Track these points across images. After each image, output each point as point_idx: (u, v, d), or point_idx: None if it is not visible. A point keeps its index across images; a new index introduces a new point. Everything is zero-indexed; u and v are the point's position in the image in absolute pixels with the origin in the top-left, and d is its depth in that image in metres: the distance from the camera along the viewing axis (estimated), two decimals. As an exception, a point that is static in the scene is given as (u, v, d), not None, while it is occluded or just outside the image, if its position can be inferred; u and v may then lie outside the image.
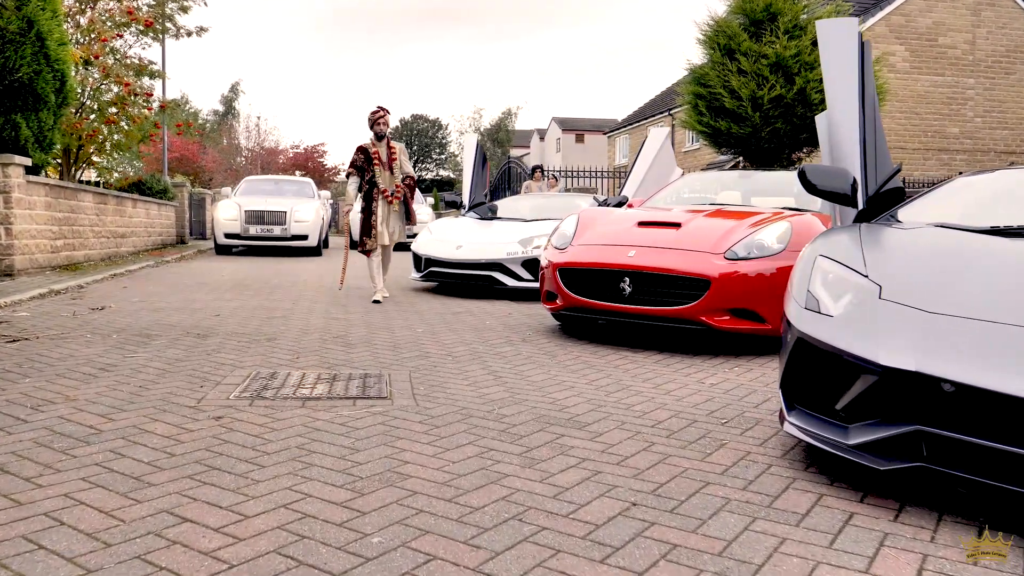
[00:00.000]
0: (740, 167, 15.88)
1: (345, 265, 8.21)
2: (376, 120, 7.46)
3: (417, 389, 3.78)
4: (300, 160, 37.87)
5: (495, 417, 3.28)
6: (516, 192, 18.39)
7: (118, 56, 13.59)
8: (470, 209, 9.67)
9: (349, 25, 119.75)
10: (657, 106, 33.59)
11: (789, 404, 2.75)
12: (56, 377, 3.88)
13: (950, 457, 2.20)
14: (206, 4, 24.72)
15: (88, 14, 12.97)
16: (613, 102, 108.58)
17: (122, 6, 13.32)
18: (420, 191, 16.85)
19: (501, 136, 55.71)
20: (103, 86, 12.97)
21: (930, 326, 2.36)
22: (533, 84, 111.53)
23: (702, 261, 4.88)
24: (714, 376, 4.24)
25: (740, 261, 4.86)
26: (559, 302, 5.47)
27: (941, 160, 21.91)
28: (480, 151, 10.21)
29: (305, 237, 14.78)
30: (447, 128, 66.49)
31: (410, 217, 7.68)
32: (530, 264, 7.94)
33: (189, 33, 15.32)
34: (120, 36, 13.39)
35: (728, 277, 4.79)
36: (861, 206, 3.61)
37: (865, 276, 2.68)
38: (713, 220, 5.41)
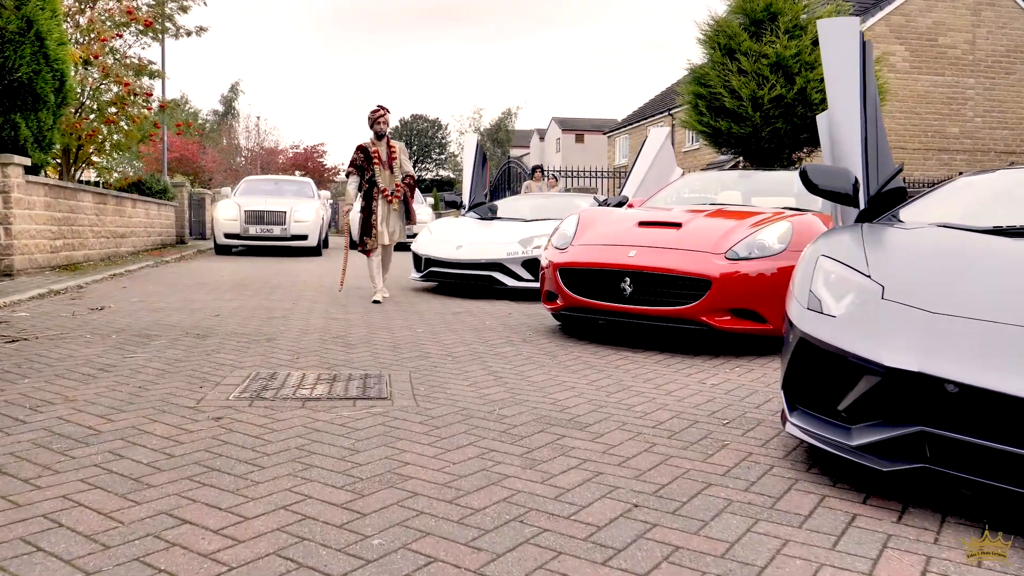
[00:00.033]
0: (740, 167, 15.87)
1: (345, 266, 8.11)
2: (376, 119, 7.44)
3: (417, 389, 3.77)
4: (300, 160, 37.84)
5: (496, 418, 3.26)
6: (516, 192, 18.38)
7: (118, 56, 13.58)
8: (470, 209, 9.66)
9: (349, 25, 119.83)
10: (657, 106, 33.58)
11: (791, 405, 2.74)
12: (55, 378, 3.87)
13: (953, 458, 2.19)
14: (206, 4, 24.76)
15: (88, 14, 12.96)
16: (613, 102, 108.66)
17: (122, 6, 13.30)
18: (420, 191, 16.82)
19: (501, 136, 55.70)
20: (103, 86, 12.96)
21: (933, 326, 2.35)
22: (533, 84, 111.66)
23: (703, 261, 4.87)
24: (715, 376, 4.23)
25: (741, 261, 4.85)
26: (559, 302, 5.46)
27: (941, 160, 21.91)
28: (480, 151, 10.20)
29: (305, 237, 14.78)
30: (447, 128, 66.62)
31: (410, 216, 7.65)
32: (530, 264, 7.93)
33: (189, 33, 15.32)
34: (120, 36, 13.38)
35: (729, 277, 4.78)
36: (863, 206, 3.59)
37: (868, 276, 2.67)
38: (714, 220, 5.40)
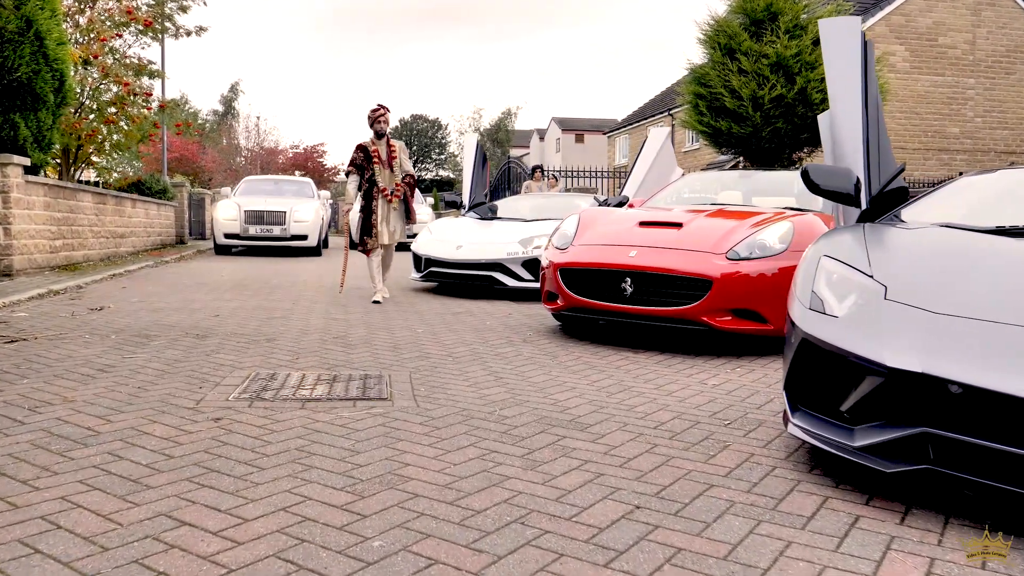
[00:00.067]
0: (740, 167, 15.86)
1: (345, 267, 7.99)
2: (376, 118, 7.42)
3: (418, 390, 3.76)
4: (300, 160, 37.81)
5: (496, 418, 3.25)
6: (516, 192, 18.37)
7: (117, 56, 13.56)
8: (470, 209, 9.64)
9: (349, 25, 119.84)
10: (657, 106, 33.56)
11: (793, 405, 2.72)
12: (54, 378, 3.85)
13: (957, 459, 2.18)
14: (206, 4, 24.75)
15: (87, 14, 12.94)
16: (613, 102, 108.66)
17: (121, 6, 13.28)
18: (420, 191, 16.81)
19: (501, 136, 55.68)
20: (102, 86, 12.94)
21: (936, 327, 2.34)
22: (533, 84, 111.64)
23: (704, 261, 4.86)
24: (716, 377, 4.22)
25: (742, 261, 4.83)
26: (560, 302, 5.44)
27: (941, 160, 21.90)
28: (480, 151, 10.19)
29: (305, 237, 14.76)
30: (447, 128, 66.57)
31: (410, 216, 7.62)
32: (530, 264, 7.92)
33: (188, 33, 15.29)
34: (119, 36, 13.36)
35: (730, 277, 4.76)
36: (864, 206, 3.58)
37: (870, 276, 2.66)
38: (714, 220, 5.38)
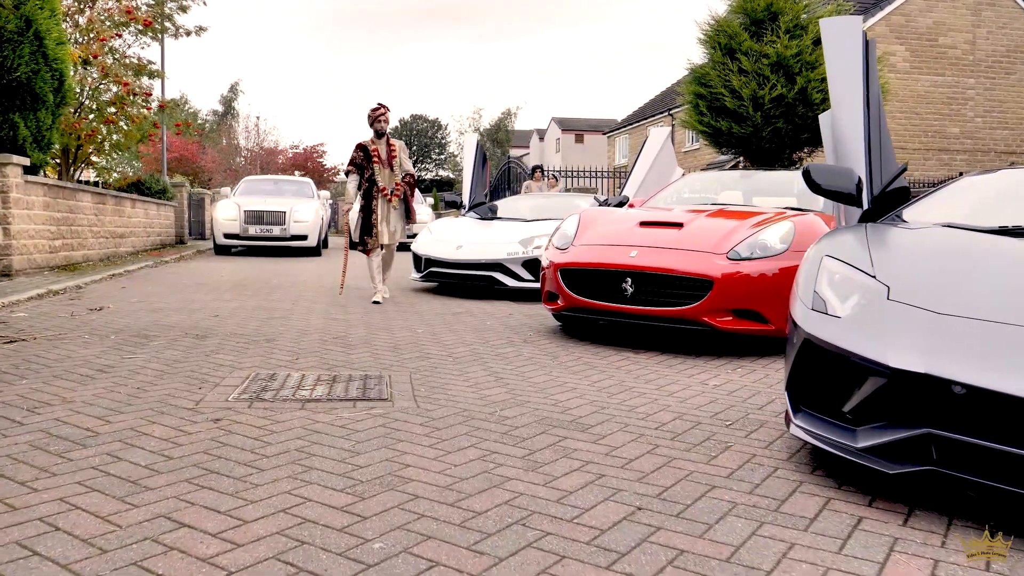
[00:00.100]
0: (740, 167, 15.85)
1: (345, 268, 7.92)
2: (376, 117, 7.40)
3: (418, 391, 3.74)
4: (299, 160, 37.79)
5: (497, 419, 3.24)
6: (516, 192, 18.37)
7: (117, 56, 13.55)
8: (470, 209, 9.63)
9: (349, 25, 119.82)
10: (657, 106, 33.55)
11: (795, 406, 2.71)
12: (53, 379, 3.84)
13: (960, 461, 2.17)
14: (205, 4, 24.74)
15: (87, 13, 12.93)
16: (613, 102, 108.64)
17: (121, 5, 13.27)
18: (420, 191, 16.79)
19: (500, 136, 55.66)
20: (102, 86, 12.92)
21: (939, 327, 2.32)
22: (533, 84, 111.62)
23: (704, 261, 4.84)
24: (717, 377, 4.21)
25: (743, 261, 4.82)
26: (560, 302, 5.43)
27: (941, 160, 21.89)
28: (480, 151, 10.17)
29: (304, 237, 14.75)
30: (447, 128, 66.54)
31: (410, 215, 7.60)
32: (530, 264, 7.91)
33: (188, 33, 15.28)
34: (119, 35, 13.35)
35: (731, 277, 4.75)
36: (866, 206, 3.56)
37: (873, 276, 2.65)
38: (715, 220, 5.37)
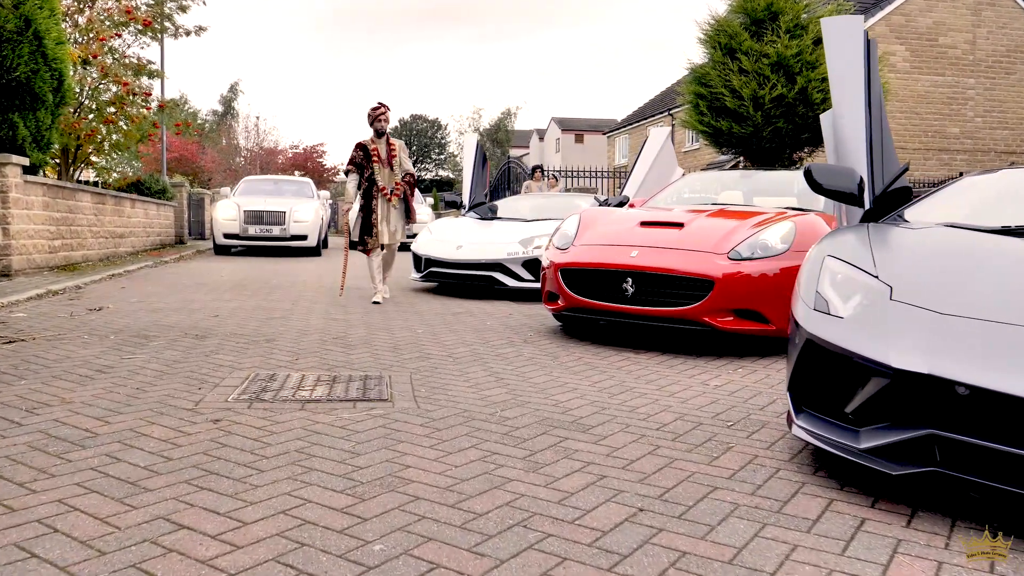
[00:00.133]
0: (740, 167, 15.83)
1: (345, 269, 7.87)
2: (376, 116, 7.37)
3: (418, 391, 3.73)
4: (299, 160, 37.76)
5: (497, 420, 3.23)
6: (516, 192, 18.36)
7: (116, 55, 13.53)
8: (470, 209, 9.62)
9: (349, 25, 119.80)
10: (657, 106, 33.54)
11: (797, 407, 2.70)
12: (52, 379, 3.83)
13: (964, 462, 2.16)
14: (205, 3, 24.75)
15: (86, 13, 12.91)
16: (613, 102, 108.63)
17: (120, 5, 13.25)
18: (420, 191, 16.78)
19: (500, 136, 55.64)
20: (101, 85, 12.91)
21: (942, 327, 2.31)
22: (533, 84, 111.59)
23: (705, 261, 4.83)
24: (718, 378, 4.20)
25: (744, 261, 4.81)
26: (561, 303, 5.42)
27: (941, 160, 21.88)
28: (480, 151, 10.16)
29: (304, 237, 14.73)
30: (446, 128, 66.51)
31: (410, 215, 7.58)
32: (531, 264, 7.89)
33: (188, 32, 15.25)
34: (118, 35, 13.33)
35: (732, 277, 4.74)
36: (868, 206, 3.55)
37: (875, 277, 2.64)
38: (716, 220, 5.36)
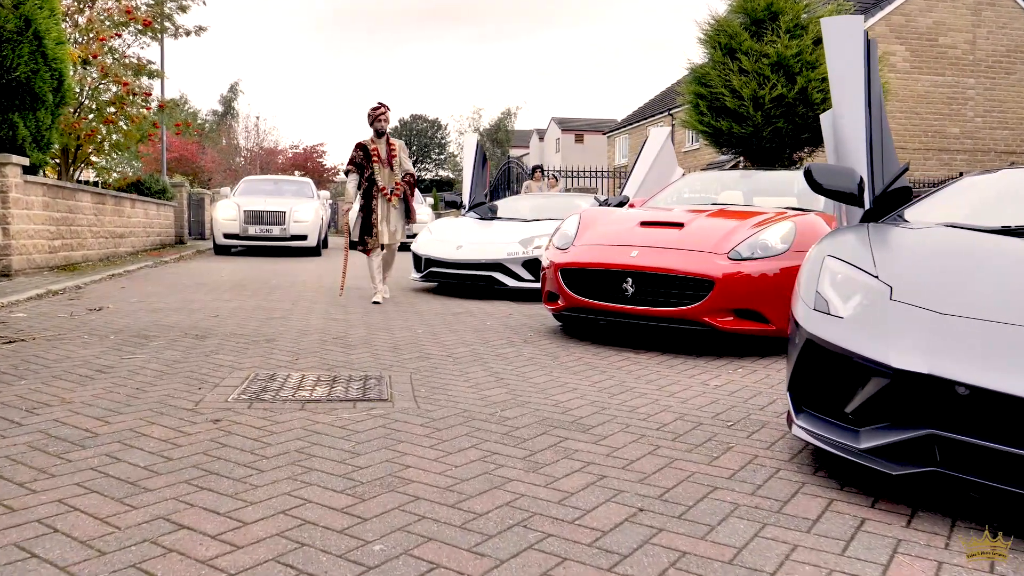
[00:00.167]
0: (740, 167, 15.83)
1: (345, 269, 7.85)
2: (377, 116, 7.37)
3: (418, 391, 3.73)
4: (299, 160, 37.76)
5: (497, 420, 3.23)
6: (516, 192, 18.36)
7: (116, 55, 13.53)
8: (470, 209, 9.62)
9: (349, 25, 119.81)
10: (657, 106, 33.54)
11: (797, 407, 2.70)
12: (52, 379, 3.83)
13: (964, 462, 2.16)
14: (205, 3, 24.73)
15: (86, 13, 12.91)
16: (613, 102, 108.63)
17: (120, 5, 13.25)
18: (420, 191, 16.76)
19: (500, 136, 55.63)
20: (101, 85, 12.90)
21: (943, 327, 2.31)
22: (533, 84, 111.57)
23: (705, 261, 4.83)
24: (718, 378, 4.19)
25: (744, 261, 4.81)
26: (561, 303, 5.42)
27: (941, 160, 21.88)
28: (480, 151, 10.16)
29: (304, 237, 14.73)
30: (446, 128, 66.51)
31: (410, 215, 7.57)
32: (531, 264, 7.89)
33: (188, 32, 15.25)
34: (118, 35, 13.33)
35: (732, 277, 4.74)
36: (868, 205, 3.55)
37: (875, 277, 2.64)
38: (716, 220, 5.36)
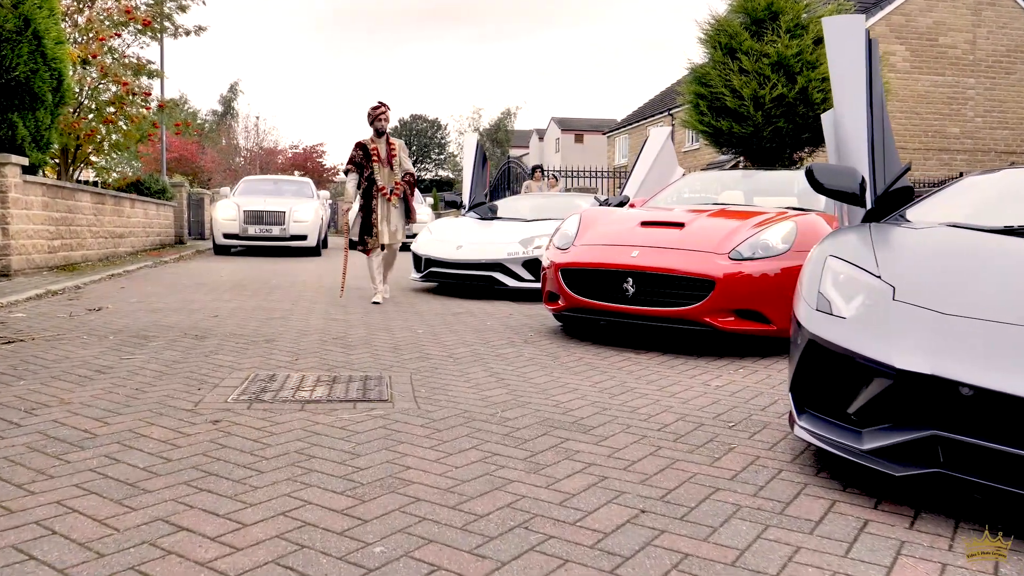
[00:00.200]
0: (741, 167, 15.82)
1: (345, 269, 7.80)
2: (377, 116, 7.35)
3: (418, 392, 3.72)
4: (299, 160, 37.75)
5: (498, 420, 3.22)
6: (516, 192, 18.34)
7: (116, 55, 13.51)
8: (470, 209, 9.61)
9: (349, 25, 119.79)
10: (657, 106, 33.53)
11: (799, 407, 2.69)
12: (51, 379, 3.82)
13: (967, 463, 2.15)
14: (205, 3, 24.68)
15: (86, 13, 12.89)
16: (613, 102, 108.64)
17: (120, 5, 13.23)
18: (419, 191, 16.75)
19: (500, 136, 55.60)
20: (101, 85, 12.89)
21: (946, 328, 2.30)
22: (533, 84, 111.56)
23: (706, 261, 4.82)
24: (719, 378, 4.18)
25: (745, 261, 4.80)
26: (561, 303, 5.41)
27: (942, 160, 21.88)
28: (480, 151, 10.15)
29: (304, 237, 14.71)
30: (446, 128, 66.48)
31: (410, 214, 7.55)
32: (531, 264, 7.88)
33: (188, 32, 15.23)
34: (118, 35, 13.31)
35: (733, 277, 4.73)
36: (869, 205, 3.54)
37: (877, 277, 2.62)
38: (717, 220, 5.35)
